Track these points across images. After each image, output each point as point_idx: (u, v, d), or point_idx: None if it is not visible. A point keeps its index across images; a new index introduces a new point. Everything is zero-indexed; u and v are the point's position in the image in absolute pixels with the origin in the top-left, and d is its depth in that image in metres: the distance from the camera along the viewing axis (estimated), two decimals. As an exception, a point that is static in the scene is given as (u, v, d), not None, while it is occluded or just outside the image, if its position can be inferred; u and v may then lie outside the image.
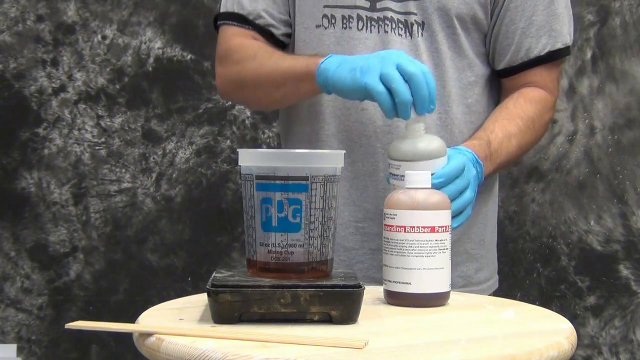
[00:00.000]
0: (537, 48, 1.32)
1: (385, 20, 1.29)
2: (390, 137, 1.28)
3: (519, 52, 1.32)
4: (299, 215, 0.94)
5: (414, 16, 1.29)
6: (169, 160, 2.03)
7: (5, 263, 2.00)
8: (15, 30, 1.99)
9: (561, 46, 1.33)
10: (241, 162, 0.97)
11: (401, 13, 1.29)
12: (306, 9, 1.32)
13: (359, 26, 1.30)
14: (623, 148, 2.02)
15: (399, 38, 1.29)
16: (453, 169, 1.09)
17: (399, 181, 1.08)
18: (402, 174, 1.07)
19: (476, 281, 1.38)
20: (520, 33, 1.32)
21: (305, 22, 1.33)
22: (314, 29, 1.32)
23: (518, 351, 0.81)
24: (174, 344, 0.82)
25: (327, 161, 0.96)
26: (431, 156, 1.08)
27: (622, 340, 2.03)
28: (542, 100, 1.34)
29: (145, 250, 2.02)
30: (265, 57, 1.30)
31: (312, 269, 0.95)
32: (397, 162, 1.09)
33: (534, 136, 1.34)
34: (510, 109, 1.31)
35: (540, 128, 1.35)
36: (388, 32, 1.29)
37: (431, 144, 1.10)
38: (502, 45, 1.33)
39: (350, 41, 1.30)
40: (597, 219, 2.03)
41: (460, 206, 1.11)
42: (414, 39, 1.29)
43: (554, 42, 1.32)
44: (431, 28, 1.29)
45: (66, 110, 2.01)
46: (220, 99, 2.03)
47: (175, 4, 2.02)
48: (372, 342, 0.83)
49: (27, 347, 2.01)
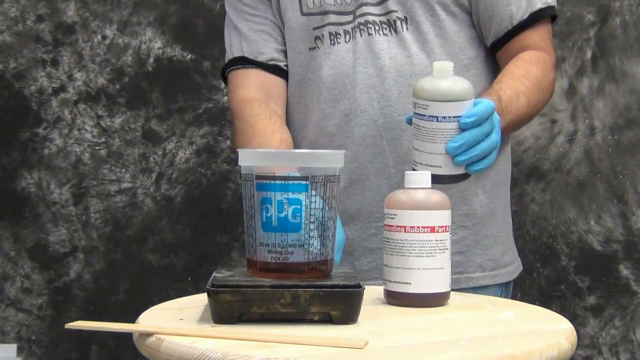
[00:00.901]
0: (519, 13, 1.32)
1: (367, 24, 1.33)
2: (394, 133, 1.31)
3: (502, 22, 1.32)
4: (299, 215, 0.94)
5: (395, 13, 1.32)
6: (169, 160, 2.03)
7: (5, 263, 2.00)
8: (15, 30, 1.99)
9: (542, 6, 1.32)
10: (241, 162, 0.97)
11: (382, 14, 1.33)
12: (297, 35, 1.38)
13: (346, 39, 1.34)
14: (623, 148, 2.02)
15: (385, 37, 1.32)
16: (484, 109, 1.04)
17: (425, 121, 1.03)
18: (431, 114, 1.02)
19: (503, 263, 1.39)
20: (497, 3, 1.32)
21: (297, 47, 1.39)
22: (307, 52, 1.38)
23: (518, 351, 0.81)
24: (174, 344, 0.82)
25: (327, 161, 0.96)
26: (462, 97, 1.03)
27: (622, 340, 2.03)
28: (542, 60, 1.33)
29: (145, 250, 2.02)
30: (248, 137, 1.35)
31: (312, 269, 0.95)
32: (424, 102, 1.03)
33: (542, 95, 1.32)
34: (512, 70, 1.29)
35: (546, 88, 1.33)
36: (372, 35, 1.33)
37: (463, 85, 1.04)
38: (485, 19, 1.33)
39: (339, 53, 1.35)
40: (597, 219, 2.03)
41: (487, 149, 1.06)
42: (399, 34, 1.32)
43: (532, 4, 1.32)
44: (415, 20, 1.32)
45: (66, 110, 2.01)
46: (220, 99, 2.03)
47: (175, 4, 2.02)
48: (372, 342, 0.83)
49: (27, 347, 2.01)
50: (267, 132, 1.34)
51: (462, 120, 1.02)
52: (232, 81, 1.45)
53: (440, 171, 1.04)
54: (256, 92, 1.41)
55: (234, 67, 1.44)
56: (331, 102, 1.35)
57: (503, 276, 1.40)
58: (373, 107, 1.32)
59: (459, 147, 1.02)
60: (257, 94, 1.41)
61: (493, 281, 1.38)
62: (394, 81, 1.32)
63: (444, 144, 1.03)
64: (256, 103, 1.39)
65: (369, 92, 1.33)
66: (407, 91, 1.30)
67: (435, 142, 1.03)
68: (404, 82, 1.32)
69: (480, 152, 1.05)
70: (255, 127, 1.35)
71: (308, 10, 1.37)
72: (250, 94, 1.41)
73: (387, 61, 1.32)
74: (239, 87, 1.43)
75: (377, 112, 1.32)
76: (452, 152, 1.03)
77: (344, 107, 1.34)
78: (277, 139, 1.32)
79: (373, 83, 1.32)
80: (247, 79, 1.43)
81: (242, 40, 1.43)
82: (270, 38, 1.42)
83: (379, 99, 1.32)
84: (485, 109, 1.04)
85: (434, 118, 1.02)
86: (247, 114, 1.38)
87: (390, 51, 1.32)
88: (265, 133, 1.33)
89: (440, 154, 1.03)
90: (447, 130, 1.03)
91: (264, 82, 1.42)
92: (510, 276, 1.41)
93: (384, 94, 1.32)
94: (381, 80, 1.32)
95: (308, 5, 1.37)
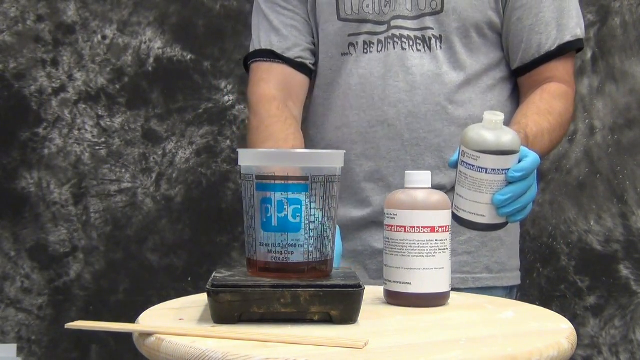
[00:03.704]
0: (548, 44, 1.34)
1: (401, 38, 1.34)
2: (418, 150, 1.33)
3: (530, 49, 1.34)
4: (299, 215, 0.94)
5: (431, 31, 1.33)
6: (169, 160, 2.03)
7: (5, 263, 2.00)
8: (15, 30, 1.99)
9: (570, 39, 1.34)
10: (241, 162, 0.97)
11: (417, 29, 1.34)
12: (330, 39, 1.39)
13: (378, 48, 1.35)
14: (623, 148, 2.02)
15: (418, 53, 1.34)
16: (531, 164, 1.06)
17: (474, 172, 1.04)
18: (480, 165, 1.03)
19: (510, 267, 1.41)
20: (529, 30, 1.34)
21: (329, 51, 1.40)
22: (339, 57, 1.39)
23: (518, 351, 0.81)
24: (174, 344, 0.82)
25: (327, 161, 0.96)
26: (512, 150, 1.04)
27: (622, 340, 2.03)
28: (565, 94, 1.35)
29: (145, 250, 2.02)
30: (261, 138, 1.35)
31: (312, 269, 0.95)
32: (475, 153, 1.03)
33: (563, 132, 1.35)
34: (538, 104, 1.31)
35: (567, 123, 1.36)
36: (406, 49, 1.34)
37: (513, 137, 1.04)
38: (514, 44, 1.35)
39: (370, 62, 1.36)
40: (597, 219, 2.03)
41: (529, 201, 1.08)
42: (433, 52, 1.34)
43: (562, 35, 1.34)
44: (449, 40, 1.33)
45: (66, 110, 2.01)
46: (220, 99, 2.03)
47: (175, 4, 2.02)
48: (372, 342, 0.83)
49: (27, 347, 2.01)
50: (280, 136, 1.34)
51: (511, 175, 1.04)
52: (256, 73, 1.43)
53: (483, 220, 1.06)
54: (277, 89, 1.40)
55: (259, 59, 1.43)
56: (357, 111, 1.36)
57: (509, 279, 1.41)
58: (400, 121, 1.33)
59: (505, 200, 1.04)
60: (277, 92, 1.40)
61: (500, 283, 1.39)
62: (423, 98, 1.33)
63: (490, 195, 1.04)
64: (274, 103, 1.38)
65: (398, 106, 1.34)
66: (435, 109, 1.33)
67: (482, 193, 1.04)
68: (432, 100, 1.33)
69: (522, 205, 1.06)
70: (270, 129, 1.35)
71: (345, 16, 1.37)
72: (271, 90, 1.40)
73: (419, 77, 1.33)
74: (261, 81, 1.42)
75: (404, 127, 1.33)
76: (498, 204, 1.04)
77: (369, 117, 1.35)
78: (289, 147, 1.32)
79: (402, 98, 1.34)
80: (270, 74, 1.42)
81: (271, 33, 1.42)
82: (300, 35, 1.42)
83: (407, 115, 1.33)
84: (533, 164, 1.06)
85: (483, 170, 1.03)
86: (264, 113, 1.37)
87: (423, 67, 1.33)
88: (279, 137, 1.34)
89: (485, 203, 1.05)
90: (494, 182, 1.04)
91: (287, 80, 1.42)
92: (515, 280, 1.43)
93: (412, 110, 1.33)
94: (411, 96, 1.33)
95: (346, 11, 1.37)
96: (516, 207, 1.06)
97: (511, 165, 1.04)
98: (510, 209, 1.05)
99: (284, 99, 1.40)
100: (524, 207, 1.08)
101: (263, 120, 1.36)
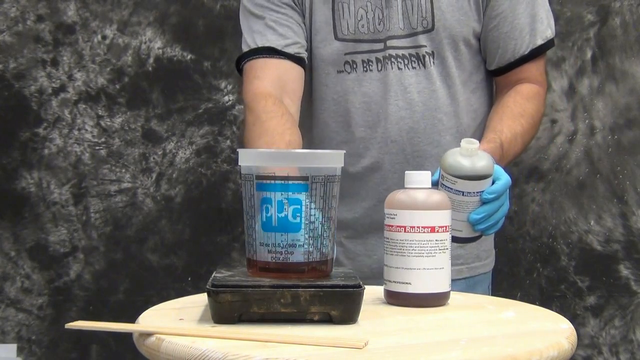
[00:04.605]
0: (522, 48, 1.43)
1: (397, 57, 1.41)
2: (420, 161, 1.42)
3: (505, 54, 1.44)
4: (299, 215, 0.94)
5: (424, 48, 1.41)
6: (169, 160, 2.03)
7: (5, 263, 2.00)
8: (15, 30, 1.99)
9: (542, 42, 1.44)
10: (241, 162, 0.97)
11: (410, 47, 1.41)
12: (326, 57, 1.44)
13: (378, 67, 1.42)
14: (623, 148, 2.02)
15: (414, 71, 1.42)
16: (503, 186, 1.17)
17: (452, 194, 1.14)
18: (458, 189, 1.14)
19: (490, 253, 1.52)
20: (505, 37, 1.42)
21: (326, 68, 1.44)
22: (335, 74, 1.44)
23: (518, 351, 0.81)
24: (174, 344, 0.82)
25: (327, 161, 0.96)
26: (486, 175, 1.15)
27: (622, 340, 2.03)
28: (537, 95, 1.46)
29: (145, 250, 2.02)
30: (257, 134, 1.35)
31: (312, 269, 0.95)
32: (453, 178, 1.14)
33: (534, 131, 1.46)
34: (512, 107, 1.42)
35: (538, 122, 1.47)
36: (402, 69, 1.41)
37: (487, 163, 1.15)
38: (491, 49, 1.45)
39: (372, 82, 1.42)
40: (597, 219, 2.03)
41: (501, 217, 1.19)
42: (427, 69, 1.42)
43: (534, 40, 1.44)
44: (441, 55, 1.42)
45: (66, 110, 2.01)
46: (220, 99, 2.03)
47: (175, 4, 2.02)
48: (372, 342, 0.83)
49: (27, 347, 2.01)
50: (276, 132, 1.33)
51: (484, 196, 1.14)
52: (249, 72, 1.43)
53: (461, 234, 1.17)
54: (272, 85, 1.40)
55: (253, 57, 1.43)
56: (363, 128, 1.43)
57: (490, 265, 1.53)
58: (402, 137, 1.42)
59: (480, 219, 1.15)
60: (272, 88, 1.40)
61: (488, 269, 1.52)
62: (421, 115, 1.42)
63: (467, 214, 1.15)
64: (270, 99, 1.38)
65: (399, 123, 1.42)
66: (432, 122, 1.42)
67: (459, 212, 1.15)
68: (429, 115, 1.42)
69: (495, 221, 1.18)
70: (265, 125, 1.34)
71: (342, 36, 1.42)
72: (266, 87, 1.40)
73: (416, 95, 1.41)
74: (255, 79, 1.41)
75: (406, 142, 1.42)
76: (473, 222, 1.16)
77: (376, 134, 1.43)
78: (286, 141, 1.32)
79: (403, 115, 1.41)
80: (264, 70, 1.41)
81: (267, 31, 1.43)
82: (295, 35, 1.42)
83: (408, 131, 1.42)
84: (504, 186, 1.17)
85: (460, 192, 1.14)
86: (260, 109, 1.37)
87: (419, 85, 1.41)
88: (275, 133, 1.33)
89: (462, 221, 1.15)
90: (470, 202, 1.15)
91: (282, 76, 1.41)
92: (492, 265, 1.54)
93: (413, 126, 1.42)
94: (410, 113, 1.41)
95: (342, 31, 1.42)
96: (489, 224, 1.17)
97: (485, 187, 1.15)
98: (484, 226, 1.16)
99: (279, 95, 1.39)
100: (496, 223, 1.19)
101: (259, 116, 1.35)
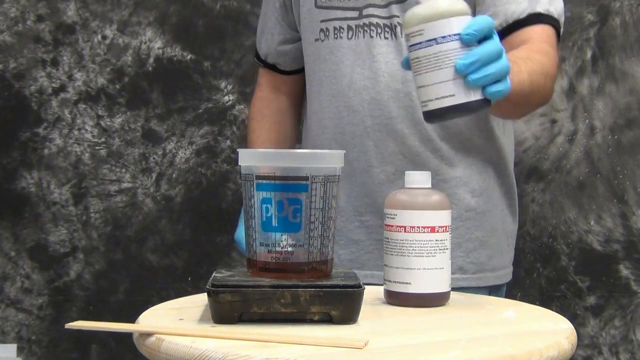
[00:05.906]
0: (517, 12, 1.26)
1: (370, 26, 1.37)
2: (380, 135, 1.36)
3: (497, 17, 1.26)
4: (299, 215, 0.94)
5: (396, 18, 1.35)
6: (169, 160, 2.03)
7: (5, 263, 2.00)
8: (15, 30, 1.99)
9: (542, 11, 1.26)
10: (241, 162, 0.97)
11: (386, 17, 1.36)
12: (308, 25, 1.45)
13: (348, 35, 1.39)
14: (623, 148, 2.02)
15: (385, 41, 1.36)
16: (482, 20, 0.94)
17: (424, 49, 0.92)
18: (428, 38, 0.91)
19: (490, 268, 1.38)
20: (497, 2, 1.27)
21: (308, 37, 1.45)
22: (313, 42, 1.43)
23: (518, 351, 0.81)
24: (174, 344, 0.82)
25: (327, 161, 0.97)
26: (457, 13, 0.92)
27: (622, 340, 2.03)
28: (545, 52, 1.23)
29: (145, 250, 2.02)
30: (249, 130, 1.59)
31: (312, 269, 0.95)
32: (418, 27, 0.92)
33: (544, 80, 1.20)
34: (515, 53, 1.19)
35: (548, 76, 1.22)
36: (373, 37, 1.37)
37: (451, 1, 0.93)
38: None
39: (341, 49, 1.39)
40: (597, 219, 2.03)
41: (501, 69, 0.95)
42: (398, 40, 1.35)
43: (533, 6, 1.26)
44: None
45: (66, 110, 2.01)
46: (220, 99, 2.03)
47: (175, 4, 2.02)
48: (372, 342, 0.83)
49: (27, 347, 2.01)
50: (254, 134, 1.56)
51: (464, 34, 0.91)
52: (259, 74, 1.63)
53: (454, 100, 0.91)
54: (268, 89, 1.59)
55: (258, 63, 1.61)
56: (328, 97, 1.41)
57: (489, 279, 1.38)
58: (364, 108, 1.36)
59: (470, 65, 0.91)
60: (267, 92, 1.59)
61: (476, 284, 1.36)
62: (385, 85, 1.35)
63: (452, 67, 0.91)
64: (257, 104, 1.59)
65: (362, 93, 1.36)
66: (397, 95, 1.34)
67: (441, 68, 0.91)
68: (394, 87, 1.35)
69: (495, 72, 0.93)
70: (249, 127, 1.59)
71: (321, 3, 1.42)
72: (262, 92, 1.60)
73: (383, 65, 1.35)
74: (257, 85, 1.62)
75: (367, 114, 1.36)
76: (463, 70, 0.91)
77: (338, 103, 1.39)
78: (260, 141, 1.53)
79: (366, 85, 1.36)
80: (262, 77, 1.61)
81: (260, 37, 1.58)
82: (270, 37, 1.55)
83: (370, 101, 1.36)
84: (485, 21, 0.94)
85: (432, 41, 0.91)
86: (251, 114, 1.60)
87: (388, 55, 1.35)
88: (253, 136, 1.56)
89: (449, 80, 0.91)
90: (450, 51, 0.91)
91: (271, 80, 1.59)
92: (498, 280, 1.40)
93: (375, 97, 1.35)
94: (374, 83, 1.36)
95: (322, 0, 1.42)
96: (487, 74, 0.92)
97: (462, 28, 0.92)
98: (480, 74, 0.92)
99: (274, 97, 1.58)
100: (499, 76, 0.94)
101: (249, 120, 1.60)
